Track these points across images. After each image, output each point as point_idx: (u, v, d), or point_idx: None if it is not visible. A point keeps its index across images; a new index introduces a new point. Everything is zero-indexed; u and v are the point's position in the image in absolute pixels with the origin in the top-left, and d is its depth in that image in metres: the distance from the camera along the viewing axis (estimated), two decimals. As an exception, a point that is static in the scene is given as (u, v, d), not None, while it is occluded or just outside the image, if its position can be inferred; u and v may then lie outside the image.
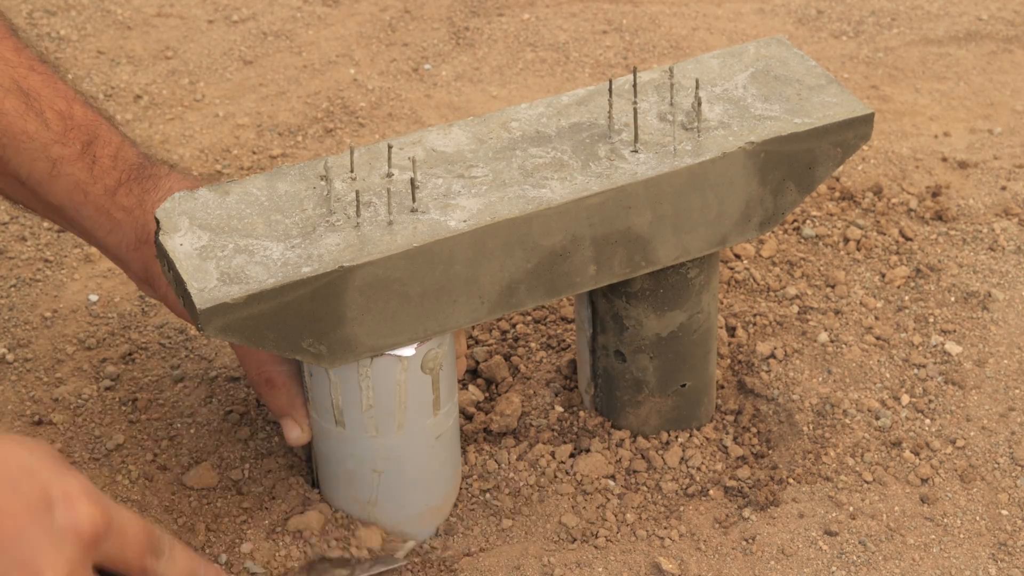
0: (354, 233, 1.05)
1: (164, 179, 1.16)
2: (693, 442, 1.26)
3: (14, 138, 1.14)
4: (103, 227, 1.15)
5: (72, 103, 1.17)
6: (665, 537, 1.18)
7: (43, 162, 1.14)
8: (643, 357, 1.21)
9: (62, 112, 1.15)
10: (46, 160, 1.14)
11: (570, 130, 1.15)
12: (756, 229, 1.17)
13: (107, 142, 1.16)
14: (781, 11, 1.93)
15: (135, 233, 1.14)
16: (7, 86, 1.14)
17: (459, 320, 1.09)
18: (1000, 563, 1.16)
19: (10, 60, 1.16)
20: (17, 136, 1.14)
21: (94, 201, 1.15)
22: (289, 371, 1.15)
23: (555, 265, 1.10)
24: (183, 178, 1.17)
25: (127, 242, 1.15)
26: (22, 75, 1.16)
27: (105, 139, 1.16)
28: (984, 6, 1.92)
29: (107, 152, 1.15)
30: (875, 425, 1.28)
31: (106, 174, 1.15)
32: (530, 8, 1.94)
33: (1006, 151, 1.64)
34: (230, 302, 1.00)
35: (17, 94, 1.14)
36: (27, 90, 1.15)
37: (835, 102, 1.16)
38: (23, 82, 1.15)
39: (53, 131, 1.14)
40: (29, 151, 1.14)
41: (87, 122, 1.16)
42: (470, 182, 1.10)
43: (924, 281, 1.43)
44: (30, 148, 1.14)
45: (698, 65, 1.21)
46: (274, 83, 1.78)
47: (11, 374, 1.34)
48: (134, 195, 1.14)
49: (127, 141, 1.18)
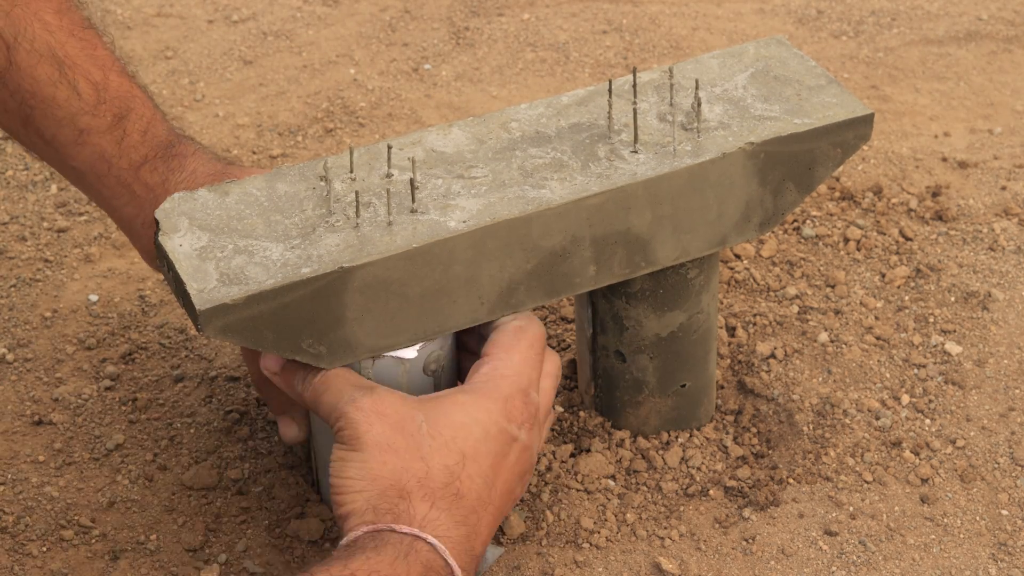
0: (354, 234, 1.05)
1: (190, 159, 1.16)
2: (693, 442, 1.26)
3: (43, 103, 1.13)
4: (121, 198, 1.15)
5: (108, 72, 1.16)
6: (665, 537, 1.18)
7: (70, 129, 1.14)
8: (643, 357, 1.21)
9: (97, 83, 1.15)
10: (73, 128, 1.14)
11: (570, 130, 1.15)
12: (756, 229, 1.17)
13: (139, 116, 1.16)
14: (781, 11, 1.93)
15: (153, 211, 1.14)
16: (42, 51, 1.13)
17: (459, 321, 1.09)
18: (1000, 563, 1.16)
19: (50, 24, 1.15)
20: (46, 102, 1.13)
21: (117, 174, 1.15)
22: None
23: (555, 266, 1.10)
24: (209, 159, 1.17)
25: (143, 218, 1.15)
26: (60, 41, 1.15)
27: (138, 113, 1.16)
28: (984, 6, 1.92)
29: (137, 127, 1.15)
30: (875, 425, 1.28)
31: (133, 149, 1.15)
32: (530, 8, 1.94)
33: (1006, 151, 1.64)
34: (230, 303, 1.00)
35: (51, 61, 1.13)
36: (63, 57, 1.14)
37: (835, 102, 1.16)
38: (60, 49, 1.14)
39: (85, 101, 1.14)
40: (57, 118, 1.14)
41: (121, 94, 1.16)
42: (470, 182, 1.10)
43: (924, 281, 1.43)
44: (58, 115, 1.14)
45: (698, 65, 1.21)
46: (274, 83, 1.78)
47: (11, 374, 1.34)
48: (158, 173, 1.14)
49: (158, 115, 1.18)
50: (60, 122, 1.14)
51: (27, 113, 1.14)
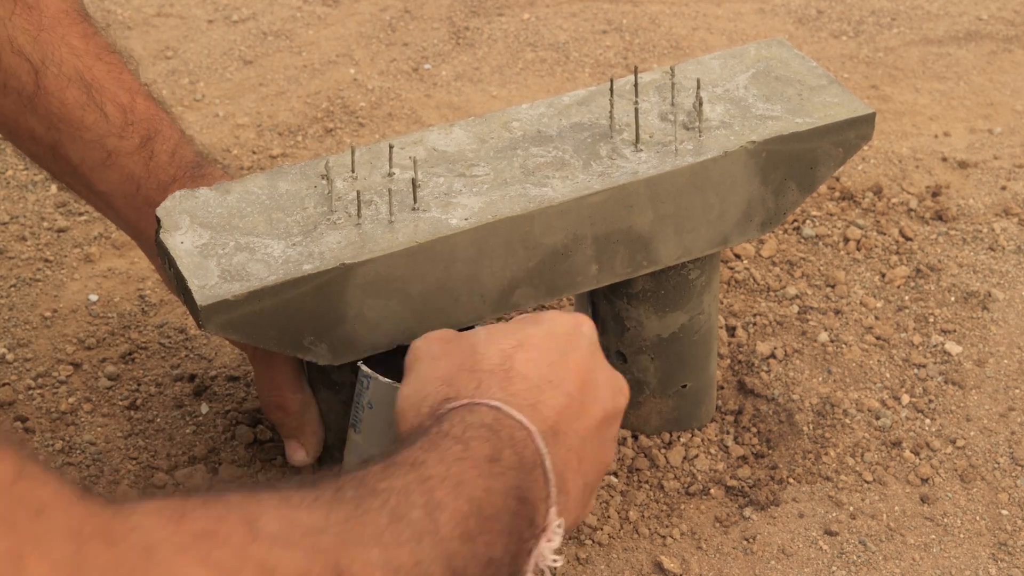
0: (355, 231, 1.05)
1: (218, 180, 1.16)
2: (695, 441, 1.26)
3: (71, 126, 1.14)
4: (148, 219, 1.15)
5: (135, 96, 1.16)
6: (667, 536, 1.18)
7: (98, 152, 1.14)
8: (644, 358, 1.21)
9: (124, 106, 1.15)
10: (101, 151, 1.14)
11: (571, 130, 1.15)
12: (758, 229, 1.17)
13: (166, 138, 1.16)
14: (781, 11, 1.93)
15: None
16: (70, 75, 1.14)
17: (460, 319, 1.09)
18: (1000, 563, 1.16)
19: (77, 48, 1.15)
20: (75, 125, 1.14)
21: (145, 194, 1.15)
22: (303, 399, 1.15)
23: (557, 264, 1.10)
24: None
25: None
26: (87, 65, 1.15)
27: (165, 135, 1.16)
28: (984, 6, 1.92)
29: (165, 148, 1.15)
30: (875, 425, 1.28)
31: (161, 170, 1.15)
32: (530, 8, 1.94)
33: (1006, 151, 1.64)
34: (231, 299, 1.00)
35: (79, 85, 1.14)
36: (90, 81, 1.14)
37: (836, 102, 1.16)
38: (87, 72, 1.15)
39: (112, 124, 1.14)
40: (85, 141, 1.14)
41: (148, 116, 1.16)
42: (471, 181, 1.10)
43: (924, 281, 1.43)
44: (86, 138, 1.14)
45: (699, 66, 1.21)
46: (274, 83, 1.78)
47: (11, 374, 1.34)
48: None
49: (185, 138, 1.18)
50: (88, 145, 1.14)
51: (55, 138, 1.15)
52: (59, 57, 1.14)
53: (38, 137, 1.15)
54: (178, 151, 1.16)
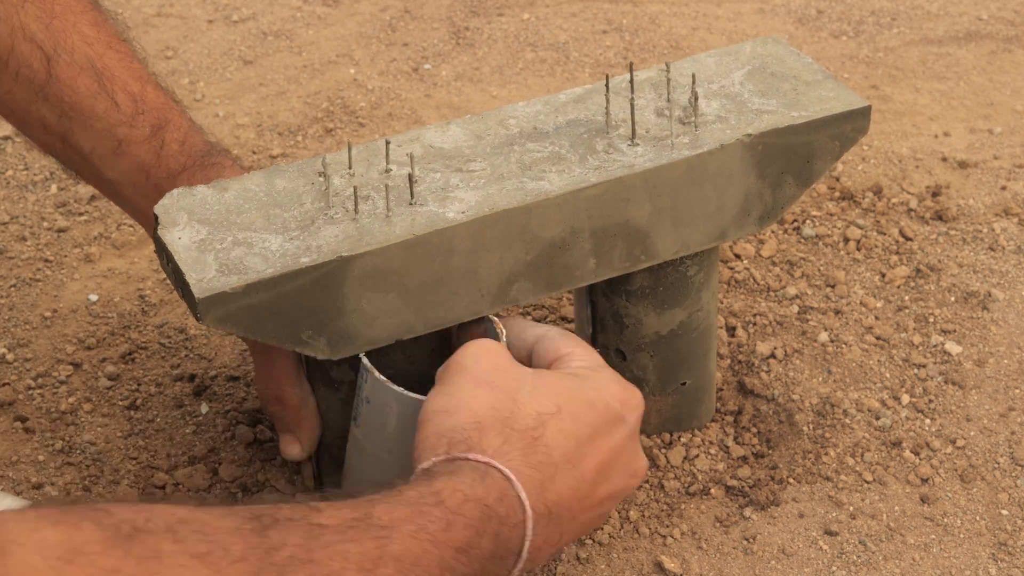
0: (352, 225, 1.05)
1: (228, 170, 1.16)
2: (695, 441, 1.25)
3: (82, 115, 1.14)
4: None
5: (145, 85, 1.16)
6: (667, 535, 1.18)
7: (109, 140, 1.14)
8: (643, 356, 1.21)
9: (134, 95, 1.15)
10: (112, 139, 1.14)
11: (568, 126, 1.15)
12: (755, 224, 1.16)
13: (176, 127, 1.16)
14: (781, 11, 1.93)
15: None
16: (82, 64, 1.14)
17: (459, 313, 1.08)
18: (1000, 563, 1.16)
19: (87, 36, 1.15)
20: (85, 114, 1.14)
21: (155, 183, 1.15)
22: (301, 393, 1.15)
23: (555, 257, 1.10)
24: (242, 172, 1.17)
25: None
26: (98, 53, 1.15)
27: (175, 124, 1.16)
28: (984, 6, 1.92)
29: (175, 137, 1.15)
30: (875, 425, 1.27)
31: (171, 159, 1.15)
32: (530, 8, 1.94)
33: (1006, 151, 1.64)
34: (229, 291, 1.00)
35: (91, 73, 1.14)
36: (101, 69, 1.14)
37: (832, 96, 1.16)
38: (98, 61, 1.14)
39: (123, 113, 1.14)
40: (95, 129, 1.14)
41: (158, 106, 1.16)
42: (468, 175, 1.10)
43: (924, 281, 1.43)
44: (97, 127, 1.14)
45: (694, 64, 1.21)
46: (274, 83, 1.79)
47: (11, 374, 1.34)
48: (196, 182, 1.15)
49: (195, 127, 1.18)
50: (99, 134, 1.14)
51: (66, 127, 1.15)
52: (71, 45, 1.14)
53: (49, 125, 1.15)
54: (188, 140, 1.16)
